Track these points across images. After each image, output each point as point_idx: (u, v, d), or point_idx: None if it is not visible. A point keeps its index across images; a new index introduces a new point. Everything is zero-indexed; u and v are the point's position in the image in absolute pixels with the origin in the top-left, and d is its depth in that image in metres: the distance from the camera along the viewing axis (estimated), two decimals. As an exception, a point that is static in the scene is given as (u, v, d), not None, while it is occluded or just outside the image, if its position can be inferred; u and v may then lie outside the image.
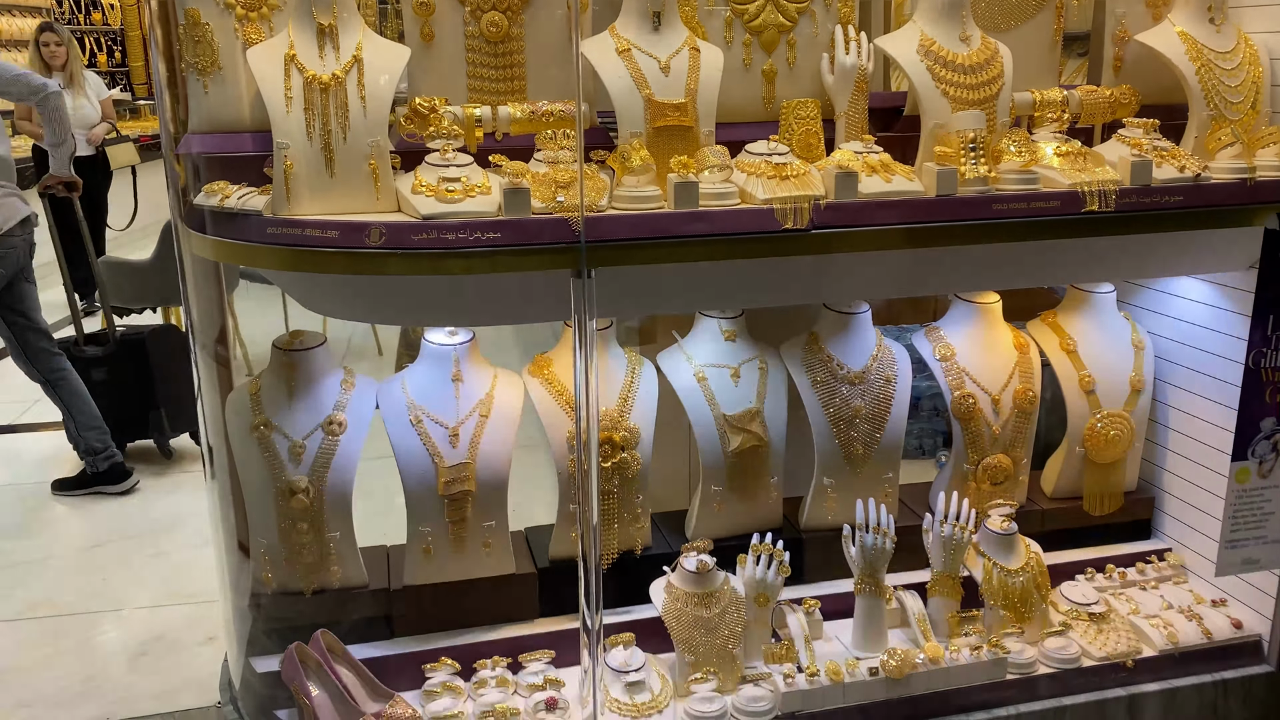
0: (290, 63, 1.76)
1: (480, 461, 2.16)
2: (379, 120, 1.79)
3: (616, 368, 2.31)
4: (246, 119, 1.91)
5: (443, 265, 1.72)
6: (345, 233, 1.71)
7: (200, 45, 1.87)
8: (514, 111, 1.95)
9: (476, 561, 2.21)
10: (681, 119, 1.92)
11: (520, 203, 1.73)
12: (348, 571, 2.17)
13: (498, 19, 1.97)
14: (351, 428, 2.14)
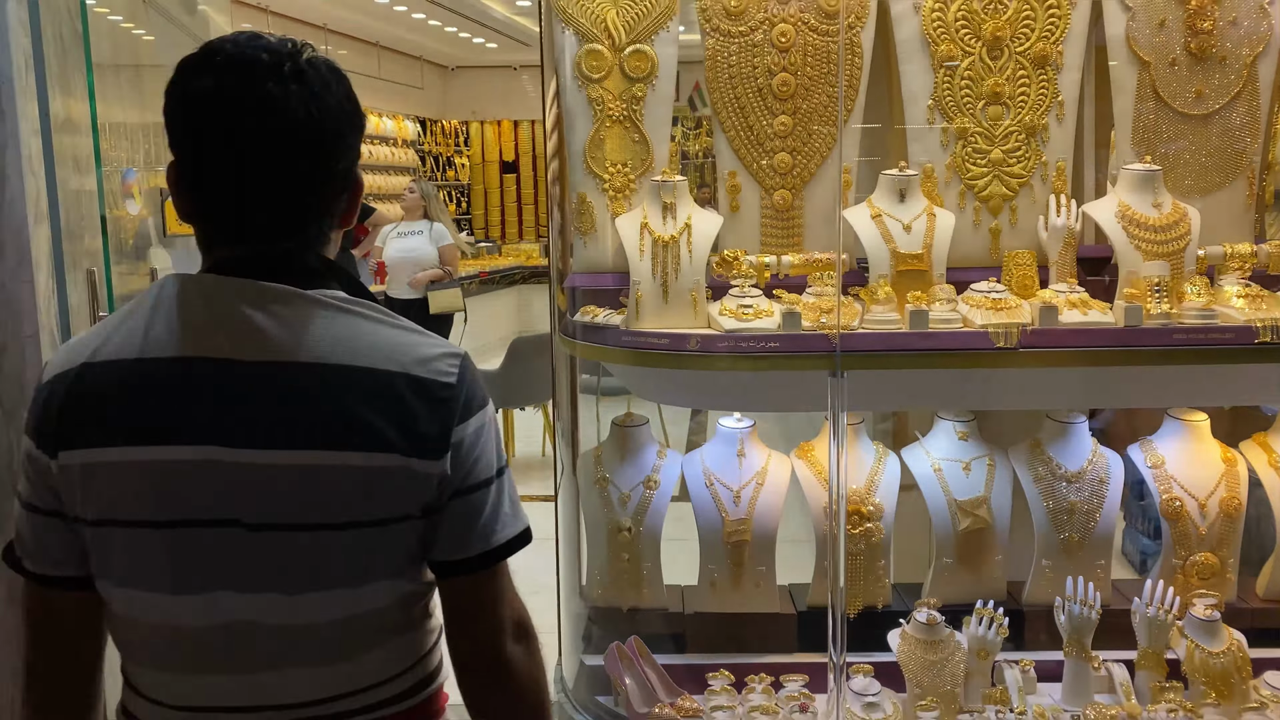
0: (644, 227, 2.61)
1: (756, 519, 2.84)
2: (700, 265, 2.60)
3: (866, 456, 2.93)
4: (610, 264, 2.78)
5: (738, 365, 2.46)
6: (674, 340, 2.50)
7: (584, 216, 2.78)
8: (793, 259, 2.70)
9: (750, 598, 2.86)
10: (919, 265, 2.58)
11: (794, 322, 2.46)
12: (655, 595, 2.89)
13: (785, 195, 2.75)
14: (663, 485, 2.90)
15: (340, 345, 1.13)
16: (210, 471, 1.11)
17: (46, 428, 1.14)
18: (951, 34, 2.66)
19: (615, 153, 2.75)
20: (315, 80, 1.16)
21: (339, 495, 1.12)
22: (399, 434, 1.12)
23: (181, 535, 1.12)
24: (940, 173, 2.71)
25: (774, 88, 2.71)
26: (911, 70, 2.71)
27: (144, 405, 1.12)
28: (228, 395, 1.11)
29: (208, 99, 1.12)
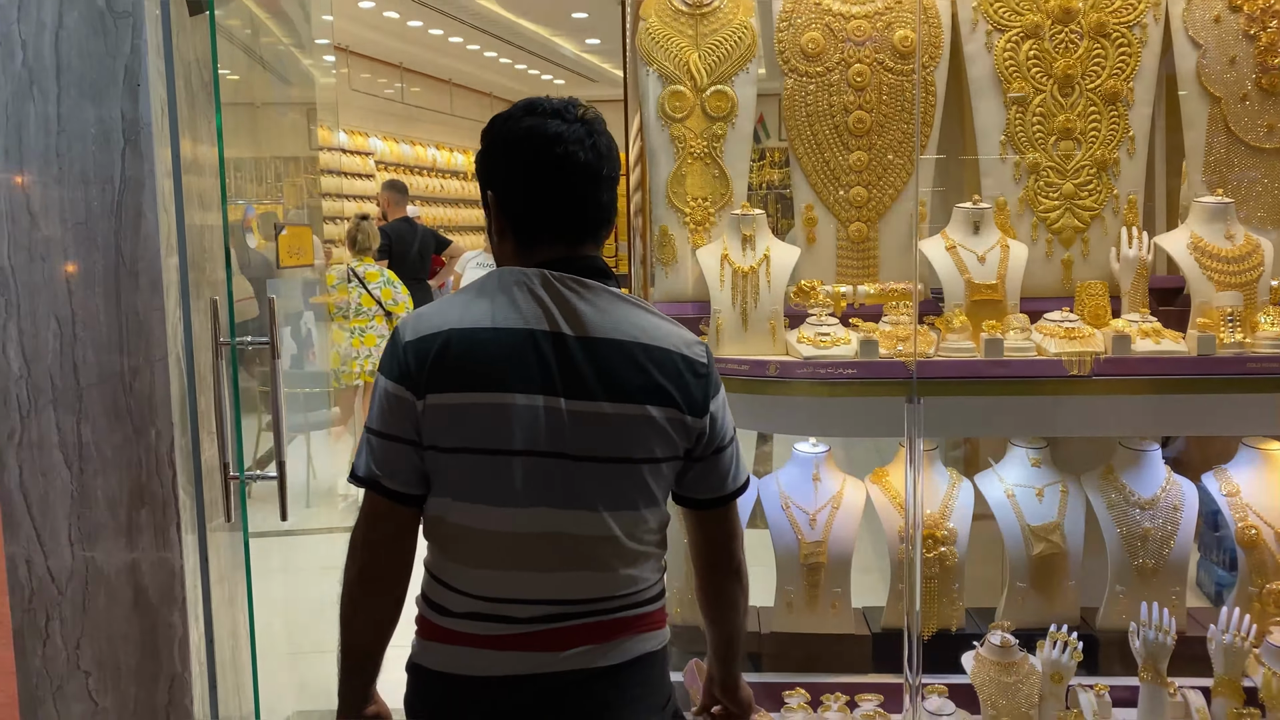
0: (724, 259, 2.73)
1: (831, 541, 2.92)
2: (778, 295, 2.71)
3: (940, 481, 3.00)
4: (690, 293, 2.90)
5: (816, 390, 2.56)
6: (753, 367, 2.61)
7: (665, 247, 2.91)
8: (869, 289, 2.80)
9: (825, 619, 2.94)
10: (992, 295, 2.66)
11: (871, 350, 2.55)
12: (731, 614, 2.98)
13: (861, 227, 2.85)
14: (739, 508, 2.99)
15: (635, 327, 1.51)
16: (546, 415, 1.46)
17: (418, 377, 1.48)
18: (1023, 72, 2.75)
19: (696, 188, 2.88)
20: (601, 129, 1.56)
21: (639, 437, 1.49)
22: (679, 395, 1.50)
23: (520, 462, 1.47)
24: (1013, 206, 2.80)
25: (849, 125, 2.82)
26: (984, 107, 2.80)
27: (497, 363, 1.47)
28: (559, 359, 1.47)
29: (541, 139, 1.50)
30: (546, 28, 9.89)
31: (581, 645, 1.52)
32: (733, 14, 2.89)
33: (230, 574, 2.68)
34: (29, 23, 2.30)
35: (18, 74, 2.30)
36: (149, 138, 2.31)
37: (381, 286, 6.05)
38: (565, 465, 1.47)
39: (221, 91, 2.61)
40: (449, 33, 9.68)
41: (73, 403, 2.37)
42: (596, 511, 1.49)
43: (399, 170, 11.42)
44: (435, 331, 1.50)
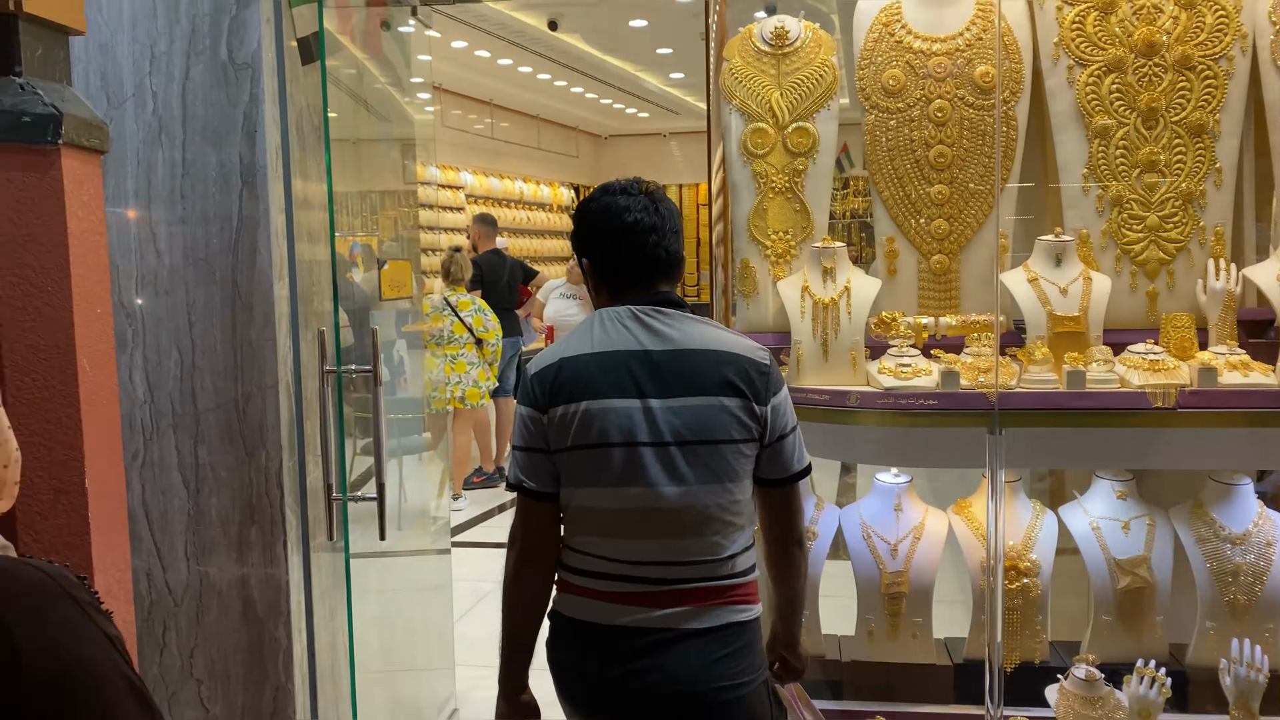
0: (804, 291, 2.80)
1: (913, 571, 2.94)
2: (859, 326, 2.76)
3: (1023, 513, 2.99)
4: (771, 324, 2.97)
5: (897, 421, 2.60)
6: (834, 397, 2.66)
7: (746, 279, 2.98)
8: (950, 320, 2.83)
9: (906, 649, 2.95)
10: (1075, 327, 2.67)
11: (952, 381, 2.58)
12: (813, 642, 3.01)
13: (942, 259, 2.89)
14: (821, 536, 3.03)
15: (708, 339, 1.89)
16: (644, 412, 1.84)
17: (542, 399, 1.89)
18: (1106, 105, 2.77)
19: (777, 221, 2.95)
20: (660, 197, 1.98)
21: (719, 423, 1.84)
22: (747, 388, 1.86)
23: (620, 451, 1.84)
24: (1096, 238, 2.80)
25: (931, 159, 2.87)
26: (1066, 140, 2.82)
27: (596, 378, 1.86)
28: (646, 370, 1.86)
29: (614, 212, 1.94)
30: (632, 63, 10.09)
31: (682, 606, 1.84)
32: (814, 53, 2.97)
33: (330, 592, 2.82)
34: (160, 75, 2.50)
35: (148, 122, 2.50)
36: (264, 179, 2.49)
37: (473, 314, 6.25)
38: (659, 451, 1.83)
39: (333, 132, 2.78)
40: (537, 70, 9.95)
41: (191, 426, 2.54)
42: (688, 485, 1.83)
43: (488, 203, 11.72)
44: (551, 363, 1.91)
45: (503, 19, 7.75)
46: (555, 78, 10.44)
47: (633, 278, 1.95)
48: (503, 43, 8.60)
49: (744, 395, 1.85)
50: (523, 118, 12.53)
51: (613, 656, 1.86)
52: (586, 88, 11.09)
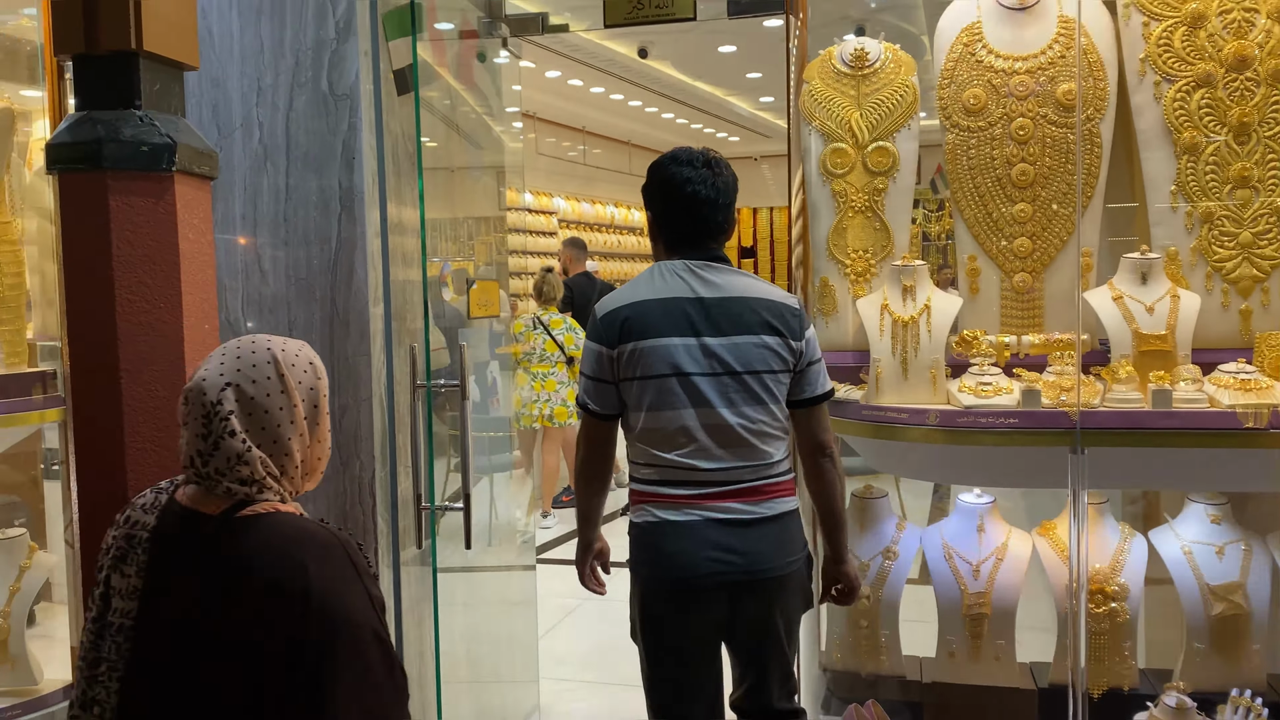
0: (884, 309, 2.81)
1: (995, 592, 2.90)
2: (939, 344, 2.75)
3: (1110, 535, 2.93)
4: (850, 343, 2.98)
5: (977, 439, 2.59)
6: (912, 415, 2.66)
7: (826, 298, 3.01)
8: (1033, 339, 2.81)
9: (989, 671, 2.91)
10: (1161, 346, 2.62)
11: (1033, 399, 2.56)
12: (893, 663, 3.00)
13: (1025, 277, 2.87)
14: (902, 557, 3.02)
15: (750, 289, 2.32)
16: (700, 348, 2.25)
17: (611, 336, 2.29)
18: (1195, 121, 2.72)
19: (857, 240, 2.97)
20: (721, 170, 2.35)
21: (760, 357, 2.26)
22: (783, 327, 2.29)
23: (679, 380, 2.24)
24: (1185, 256, 2.75)
25: (1013, 177, 2.86)
26: (1153, 157, 2.78)
27: (661, 319, 2.26)
28: (699, 313, 2.26)
29: (677, 180, 2.32)
30: (721, 88, 10.18)
31: (741, 500, 2.26)
32: (894, 74, 2.99)
33: (419, 603, 2.92)
34: (265, 106, 2.66)
35: (255, 150, 2.66)
36: (361, 203, 2.62)
37: (564, 333, 6.37)
38: (712, 380, 2.24)
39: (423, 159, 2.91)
40: (629, 97, 10.12)
41: (291, 437, 2.69)
42: (738, 407, 2.25)
43: (580, 227, 11.92)
44: (617, 306, 2.31)
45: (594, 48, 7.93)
46: (646, 104, 10.59)
47: (688, 238, 2.35)
48: (595, 71, 8.78)
49: (781, 334, 2.28)
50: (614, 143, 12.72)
51: (697, 545, 2.24)
52: (677, 113, 11.22)
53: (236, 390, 1.46)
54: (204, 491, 1.48)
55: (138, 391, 1.99)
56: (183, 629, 1.41)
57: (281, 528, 1.44)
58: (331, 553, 1.44)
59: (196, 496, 1.49)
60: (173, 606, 1.43)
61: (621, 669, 2.02)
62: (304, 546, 1.42)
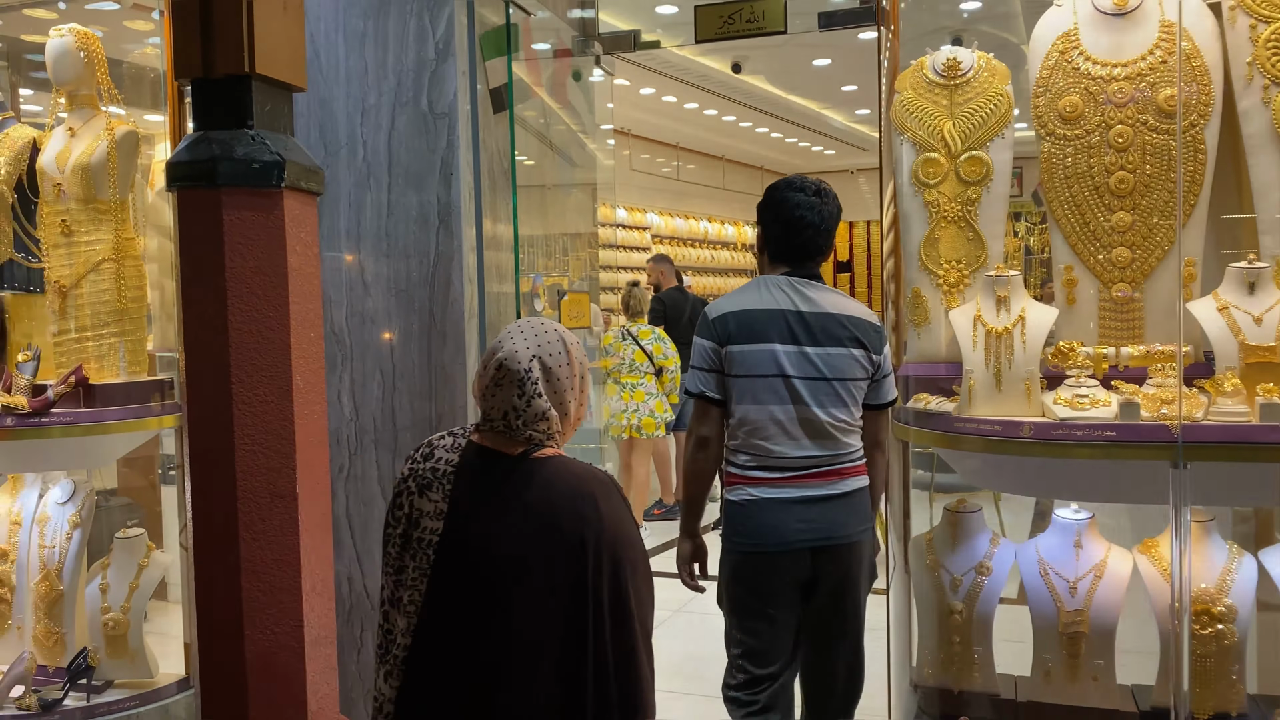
0: (977, 320, 2.77)
1: (1093, 611, 2.83)
2: (1034, 356, 2.71)
3: (1217, 554, 2.83)
4: (942, 354, 2.95)
5: (1073, 452, 2.53)
6: (1006, 427, 2.62)
7: (918, 309, 2.98)
8: (1132, 350, 2.73)
9: (1086, 692, 2.83)
10: (1270, 358, 2.53)
11: (1132, 412, 2.49)
12: (986, 680, 2.94)
13: (1125, 288, 2.80)
14: (996, 572, 2.96)
15: (841, 306, 2.64)
16: (799, 354, 2.57)
17: (721, 335, 2.61)
18: (1306, 125, 2.62)
19: (949, 250, 2.94)
20: (828, 199, 2.70)
21: (849, 366, 2.60)
22: (867, 342, 2.62)
23: (779, 381, 2.57)
24: (1297, 264, 2.65)
25: (1111, 186, 2.79)
26: (1262, 163, 2.69)
27: (766, 326, 2.58)
28: (798, 323, 2.58)
29: (788, 204, 2.67)
30: (816, 101, 10.14)
31: (824, 480, 2.60)
32: (988, 83, 2.95)
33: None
34: (369, 126, 2.78)
35: (359, 168, 2.78)
36: (459, 218, 2.72)
37: (653, 343, 6.43)
38: (806, 382, 2.57)
39: (518, 176, 2.99)
40: (722, 112, 10.14)
41: (390, 443, 2.78)
42: (826, 408, 2.58)
43: (672, 243, 11.98)
44: (728, 311, 2.63)
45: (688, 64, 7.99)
46: (740, 119, 10.60)
47: (791, 256, 2.68)
48: (688, 87, 8.84)
49: (865, 347, 2.61)
50: (708, 159, 12.77)
51: (787, 517, 2.57)
52: (771, 127, 11.20)
53: (540, 362, 1.80)
54: (506, 438, 1.81)
55: (246, 395, 2.09)
56: (484, 542, 1.74)
57: (571, 466, 1.80)
58: (612, 489, 1.79)
59: (498, 441, 1.82)
60: (476, 525, 1.76)
61: (711, 679, 2.05)
62: (591, 483, 1.76)
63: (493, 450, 1.81)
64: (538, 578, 1.70)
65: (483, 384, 1.83)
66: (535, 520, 1.72)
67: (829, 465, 2.60)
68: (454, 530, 1.77)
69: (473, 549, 1.75)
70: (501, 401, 1.80)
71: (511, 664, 1.71)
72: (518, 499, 1.75)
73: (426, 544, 1.78)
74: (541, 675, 1.69)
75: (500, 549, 1.73)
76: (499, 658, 1.71)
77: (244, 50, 2.09)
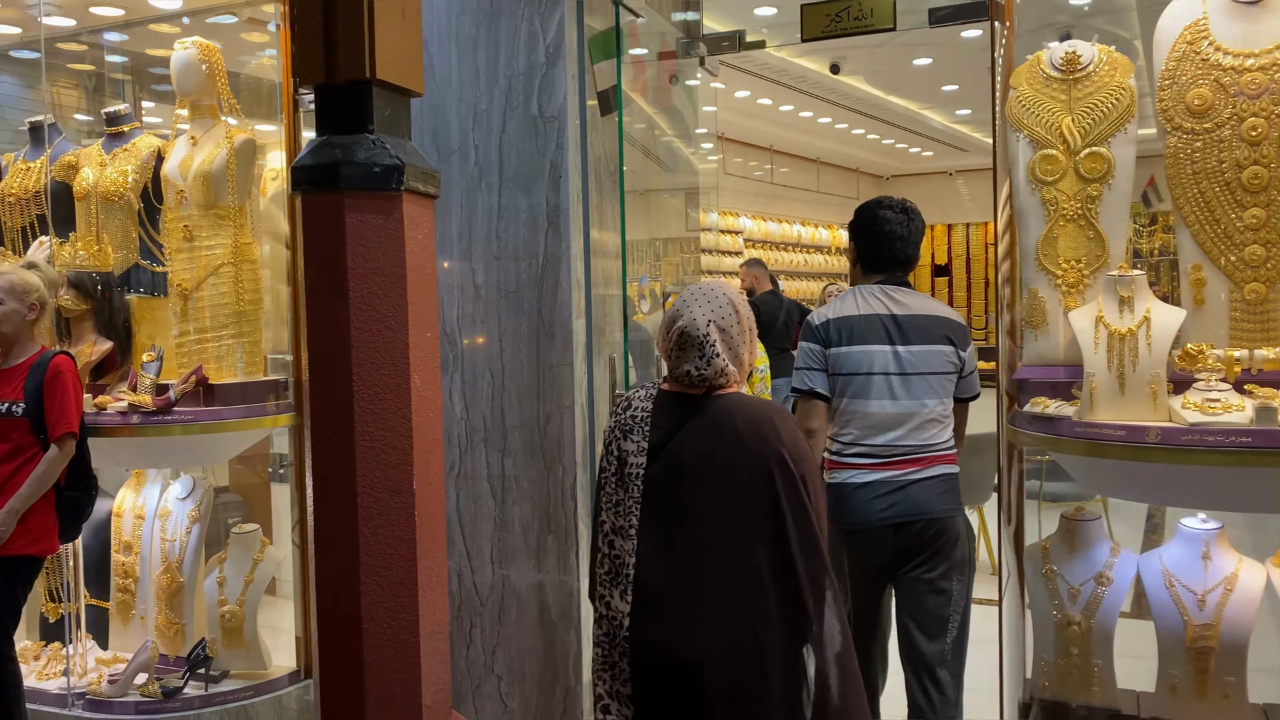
0: (1099, 321, 2.68)
1: (1223, 626, 2.70)
2: (1160, 359, 2.60)
3: (1360, 569, 2.67)
4: (1061, 357, 2.86)
5: (1203, 459, 2.42)
6: (1130, 433, 2.52)
7: (1035, 311, 2.89)
8: (1268, 353, 2.60)
9: (1216, 709, 2.71)
10: None
11: (1269, 418, 2.37)
12: (1107, 694, 2.83)
13: (1258, 287, 2.67)
14: (1116, 583, 2.85)
15: (930, 308, 2.95)
16: (894, 354, 2.86)
17: (825, 340, 2.91)
18: None
19: (1069, 249, 2.85)
20: (915, 215, 3.01)
21: (939, 362, 2.89)
22: (955, 340, 2.92)
23: (877, 379, 2.86)
24: None
25: (1244, 181, 2.67)
26: None
27: (865, 330, 2.86)
28: (893, 326, 2.88)
29: (879, 221, 2.99)
30: (916, 101, 9.96)
31: (914, 467, 2.86)
32: (1109, 76, 2.85)
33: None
34: (480, 130, 2.82)
35: (470, 172, 2.82)
36: (567, 221, 2.73)
37: None
38: (902, 378, 2.87)
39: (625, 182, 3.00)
40: (818, 114, 10.04)
41: (499, 441, 2.81)
42: (920, 399, 2.87)
43: (765, 247, 11.90)
44: (830, 318, 2.93)
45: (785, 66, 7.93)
46: (836, 120, 10.48)
47: (883, 267, 2.99)
48: (785, 89, 8.78)
49: (953, 344, 2.91)
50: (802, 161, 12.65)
51: (879, 497, 2.84)
52: (868, 129, 11.05)
53: (715, 326, 2.13)
54: (693, 386, 2.15)
55: (366, 394, 2.13)
56: (680, 465, 2.08)
57: (748, 398, 2.16)
58: (786, 414, 2.16)
59: (684, 388, 2.16)
60: (673, 452, 2.09)
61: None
62: (768, 409, 2.11)
63: (680, 393, 2.16)
64: (729, 487, 2.03)
65: (666, 347, 2.17)
66: (722, 440, 2.06)
67: (920, 453, 2.86)
68: (655, 461, 2.10)
69: (673, 473, 2.08)
70: (685, 362, 2.13)
71: (713, 561, 2.02)
72: (706, 426, 2.08)
73: (635, 477, 2.10)
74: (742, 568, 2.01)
75: (695, 468, 2.06)
76: (703, 559, 2.03)
77: (365, 56, 2.13)
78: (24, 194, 4.04)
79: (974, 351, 2.95)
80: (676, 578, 2.06)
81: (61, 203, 3.93)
